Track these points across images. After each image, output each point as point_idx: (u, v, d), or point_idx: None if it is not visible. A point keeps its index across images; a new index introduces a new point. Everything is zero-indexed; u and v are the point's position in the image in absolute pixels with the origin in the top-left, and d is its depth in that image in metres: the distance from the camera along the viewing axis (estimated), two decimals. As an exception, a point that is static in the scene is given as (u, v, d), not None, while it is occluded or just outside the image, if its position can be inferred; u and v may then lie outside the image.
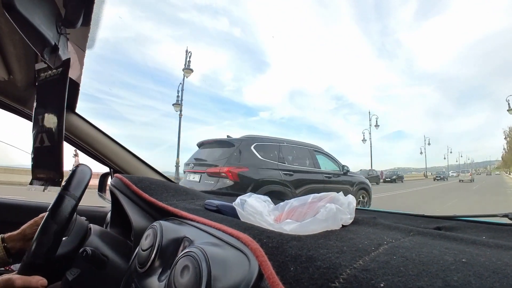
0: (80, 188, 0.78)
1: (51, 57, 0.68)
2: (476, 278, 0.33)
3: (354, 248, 0.44)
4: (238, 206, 0.67)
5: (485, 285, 0.31)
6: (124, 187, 0.90)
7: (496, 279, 0.32)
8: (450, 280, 0.32)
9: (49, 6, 0.64)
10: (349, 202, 0.60)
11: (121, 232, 0.98)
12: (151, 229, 0.65)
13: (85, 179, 0.80)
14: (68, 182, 0.78)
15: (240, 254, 0.46)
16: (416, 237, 0.53)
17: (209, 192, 1.21)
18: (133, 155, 1.25)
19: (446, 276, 0.33)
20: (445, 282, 0.32)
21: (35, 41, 0.61)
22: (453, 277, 0.33)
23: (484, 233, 0.59)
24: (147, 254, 0.60)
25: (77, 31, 0.77)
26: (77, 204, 0.76)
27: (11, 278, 0.64)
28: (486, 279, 0.33)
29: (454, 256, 0.39)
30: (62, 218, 0.73)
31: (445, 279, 0.33)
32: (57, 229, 0.72)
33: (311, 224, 0.54)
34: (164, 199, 0.86)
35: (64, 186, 0.77)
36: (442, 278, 0.33)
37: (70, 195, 0.75)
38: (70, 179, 0.78)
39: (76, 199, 0.76)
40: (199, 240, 0.56)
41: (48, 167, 0.81)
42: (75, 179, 0.78)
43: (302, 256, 0.42)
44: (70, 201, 0.75)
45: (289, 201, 0.68)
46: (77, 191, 0.77)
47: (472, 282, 0.32)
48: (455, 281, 0.32)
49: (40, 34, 0.60)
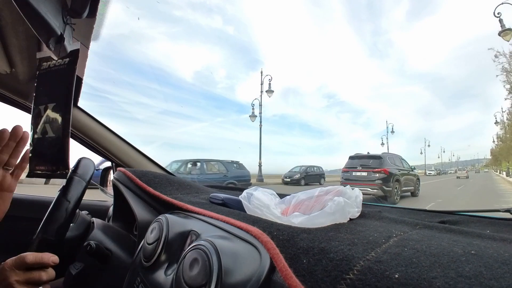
0: (87, 174, 0.79)
1: (56, 47, 0.67)
2: (487, 269, 0.33)
3: (365, 241, 0.44)
4: (244, 199, 0.67)
5: (496, 275, 0.32)
6: (128, 180, 0.90)
7: (506, 269, 0.33)
8: (462, 271, 0.33)
9: None
10: (356, 196, 0.60)
11: (124, 226, 0.98)
12: (156, 222, 0.65)
13: (90, 169, 0.81)
14: (76, 167, 0.79)
15: (250, 247, 0.46)
16: (423, 230, 0.53)
17: (212, 186, 1.21)
18: (135, 149, 1.24)
19: (458, 267, 0.34)
20: (457, 273, 0.32)
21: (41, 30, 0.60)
22: (464, 268, 0.34)
23: (487, 227, 0.59)
24: (153, 248, 0.60)
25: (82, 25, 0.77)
26: (86, 186, 0.78)
27: (22, 255, 0.64)
28: (496, 269, 0.33)
29: (463, 248, 0.40)
30: (73, 196, 0.75)
31: (457, 270, 0.33)
32: (69, 206, 0.73)
33: (319, 217, 0.54)
34: (169, 192, 0.86)
35: (73, 170, 0.79)
36: (454, 269, 0.33)
37: (80, 177, 0.77)
38: (77, 165, 0.80)
39: (86, 181, 0.78)
40: (207, 233, 0.55)
41: (52, 159, 0.80)
42: (81, 166, 0.80)
43: (314, 248, 0.42)
44: (80, 182, 0.77)
45: (296, 194, 0.68)
46: (85, 176, 0.78)
47: (484, 272, 0.32)
48: (467, 271, 0.33)
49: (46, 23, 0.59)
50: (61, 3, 0.66)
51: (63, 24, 0.68)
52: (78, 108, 1.16)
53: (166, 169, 1.29)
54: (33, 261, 0.64)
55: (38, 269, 0.65)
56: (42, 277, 0.65)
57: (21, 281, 0.63)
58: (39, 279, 0.65)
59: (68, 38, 0.73)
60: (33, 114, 0.83)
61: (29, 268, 0.64)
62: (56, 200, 0.74)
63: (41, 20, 0.58)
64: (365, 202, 0.69)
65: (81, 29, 0.82)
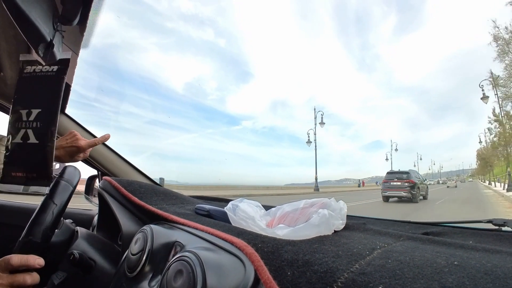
0: (74, 179, 0.78)
1: (45, 53, 0.66)
2: (470, 279, 0.34)
3: (349, 253, 0.45)
4: (229, 211, 0.66)
5: (479, 286, 0.32)
6: (114, 190, 0.89)
7: (489, 280, 0.33)
8: (445, 282, 0.33)
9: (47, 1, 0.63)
10: (341, 208, 0.61)
11: (108, 236, 0.96)
12: (141, 233, 0.64)
13: (77, 174, 0.80)
14: (62, 172, 0.77)
15: (235, 259, 0.46)
16: (407, 241, 0.54)
17: (198, 197, 1.20)
18: (121, 158, 1.23)
19: (441, 278, 0.34)
20: (441, 284, 0.33)
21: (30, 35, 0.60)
22: (447, 279, 0.34)
23: (470, 238, 0.60)
24: (137, 259, 0.59)
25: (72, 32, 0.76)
26: (73, 191, 0.76)
27: (7, 257, 0.62)
28: (479, 280, 0.33)
29: (446, 259, 0.40)
30: (60, 199, 0.73)
31: (441, 281, 0.33)
32: (55, 209, 0.72)
33: (304, 229, 0.54)
34: (154, 203, 0.85)
35: (59, 174, 0.77)
36: (438, 280, 0.34)
37: (67, 181, 0.76)
38: (63, 170, 0.78)
39: (72, 186, 0.77)
40: (191, 244, 0.55)
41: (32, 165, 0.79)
42: (68, 171, 0.78)
43: (298, 260, 0.42)
44: (67, 187, 0.75)
45: (281, 206, 0.68)
46: (72, 181, 0.77)
47: (467, 283, 0.33)
48: (450, 282, 0.33)
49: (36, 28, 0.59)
50: (52, 10, 0.66)
51: (53, 30, 0.68)
52: (65, 115, 1.15)
53: (152, 179, 1.28)
54: (18, 264, 0.62)
55: (22, 272, 0.63)
56: (26, 281, 0.63)
57: (5, 284, 0.61)
58: (24, 283, 0.63)
59: (57, 45, 0.72)
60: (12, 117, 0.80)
61: (13, 271, 0.62)
62: (42, 202, 0.72)
63: (31, 26, 0.58)
64: (349, 214, 0.70)
65: (71, 36, 0.82)
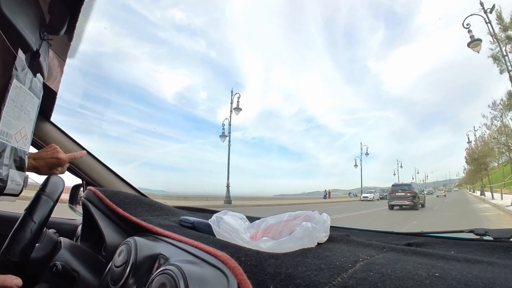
0: (55, 193, 0.76)
1: (31, 62, 0.66)
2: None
3: (332, 266, 0.45)
4: (213, 223, 0.66)
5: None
6: (98, 200, 0.88)
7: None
8: None
9: (34, 10, 0.63)
10: (324, 220, 0.62)
11: (92, 247, 0.95)
12: (125, 245, 0.64)
13: (60, 186, 0.78)
14: (44, 185, 0.76)
15: (218, 272, 0.46)
16: (389, 253, 0.55)
17: (183, 207, 1.20)
18: (107, 168, 1.22)
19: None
20: None
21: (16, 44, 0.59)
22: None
23: (452, 248, 0.61)
24: (121, 271, 0.59)
25: (59, 39, 0.76)
26: (54, 206, 0.75)
27: None
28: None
29: (427, 271, 0.41)
30: (40, 216, 0.71)
31: None
32: (34, 227, 0.70)
33: (287, 242, 0.55)
34: (138, 214, 0.84)
35: (41, 188, 0.75)
36: None
37: (47, 196, 0.74)
38: (45, 183, 0.76)
39: (53, 201, 0.75)
40: (175, 257, 0.55)
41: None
42: (51, 184, 0.77)
43: (281, 274, 0.43)
44: (47, 201, 0.74)
45: (265, 219, 0.68)
46: (53, 195, 0.75)
47: None
48: None
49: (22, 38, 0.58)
50: (39, 19, 0.66)
51: (39, 40, 0.68)
52: (50, 123, 1.13)
53: (138, 190, 1.27)
54: None
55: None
56: None
57: None
58: None
59: (43, 54, 0.72)
60: None
61: None
62: (21, 219, 0.71)
63: (17, 35, 0.57)
64: (334, 225, 0.71)
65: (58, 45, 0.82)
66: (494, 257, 0.52)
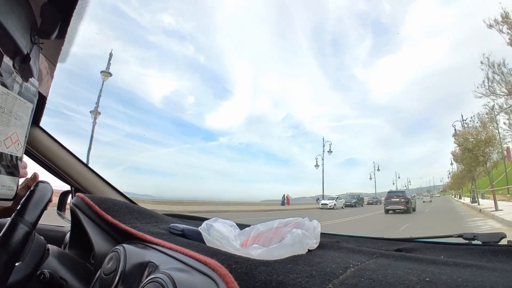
0: (37, 211, 0.70)
1: (21, 66, 0.65)
2: None
3: (323, 272, 0.45)
4: (204, 230, 0.66)
5: None
6: (86, 207, 0.86)
7: None
8: None
9: (26, 13, 0.62)
10: (314, 227, 0.62)
11: (80, 254, 0.93)
12: (114, 252, 0.63)
13: (45, 199, 0.74)
14: (24, 206, 0.69)
15: (208, 280, 0.46)
16: (380, 259, 0.55)
17: (173, 215, 1.19)
18: (96, 174, 1.20)
19: None
20: None
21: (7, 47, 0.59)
22: None
23: (441, 252, 0.62)
24: (110, 279, 0.58)
25: (50, 44, 0.75)
26: (31, 232, 0.68)
27: None
28: None
29: (417, 276, 0.42)
30: (13, 247, 0.64)
31: None
32: (7, 259, 0.64)
33: (278, 249, 0.55)
34: (128, 221, 0.84)
35: (19, 210, 0.69)
36: None
37: (24, 223, 0.67)
38: (27, 201, 0.70)
39: (30, 227, 0.67)
40: (165, 265, 0.54)
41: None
42: (33, 201, 0.70)
43: (272, 281, 0.43)
44: (23, 229, 0.66)
45: (255, 226, 0.68)
46: (32, 216, 0.68)
47: None
48: None
49: (12, 41, 0.58)
50: (30, 22, 0.65)
51: (30, 44, 0.67)
52: (40, 129, 1.11)
53: (127, 197, 1.25)
54: None
55: None
56: None
57: None
58: None
59: (34, 58, 0.71)
60: None
61: None
62: None
63: (8, 38, 0.56)
64: (324, 232, 0.71)
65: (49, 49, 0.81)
66: (483, 261, 0.52)
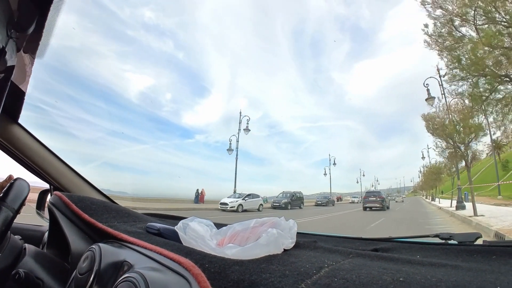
0: (17, 201, 0.73)
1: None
2: None
3: (296, 272, 0.46)
4: (180, 230, 0.66)
5: None
6: (63, 206, 0.85)
7: None
8: None
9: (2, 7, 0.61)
10: (290, 227, 0.62)
11: (59, 254, 0.92)
12: (89, 251, 0.62)
13: (23, 193, 0.75)
14: (5, 194, 0.73)
15: (181, 280, 0.46)
16: (355, 259, 0.55)
17: (151, 214, 1.18)
18: (75, 172, 1.18)
19: None
20: None
21: None
22: None
23: (418, 252, 0.63)
24: (85, 279, 0.57)
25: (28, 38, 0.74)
26: (14, 217, 0.72)
27: None
28: None
29: (392, 275, 0.42)
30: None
31: None
32: None
33: (253, 248, 0.55)
34: (105, 220, 0.83)
35: (1, 197, 0.72)
36: None
37: (7, 207, 0.71)
38: (7, 191, 0.74)
39: (13, 212, 0.72)
40: (139, 264, 0.54)
41: None
42: (13, 192, 0.74)
43: (244, 281, 0.43)
44: (6, 212, 0.70)
45: (232, 225, 0.68)
46: (14, 204, 0.72)
47: None
48: None
49: None
50: (6, 16, 0.64)
51: (6, 37, 0.65)
52: (18, 125, 1.09)
53: (106, 195, 1.24)
54: None
55: None
56: None
57: None
58: None
59: (10, 53, 0.69)
60: None
61: None
62: None
63: None
64: (301, 231, 0.71)
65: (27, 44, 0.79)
66: (459, 261, 0.53)
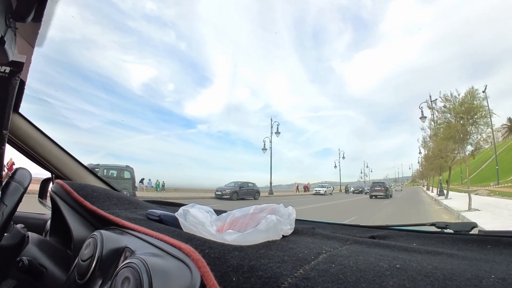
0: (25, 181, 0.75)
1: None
2: (410, 282, 0.36)
3: (295, 258, 0.46)
4: (180, 216, 0.67)
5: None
6: (65, 193, 0.86)
7: (428, 281, 0.36)
8: (386, 285, 0.36)
9: None
10: (289, 214, 0.63)
11: (61, 241, 0.93)
12: (91, 238, 0.64)
13: (28, 177, 0.76)
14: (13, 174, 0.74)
15: (182, 265, 0.47)
16: (353, 245, 0.56)
17: (152, 201, 1.19)
18: (76, 160, 1.18)
19: (382, 282, 0.36)
20: (381, 287, 0.35)
21: None
22: (388, 282, 0.36)
23: (414, 240, 0.64)
24: (87, 265, 0.59)
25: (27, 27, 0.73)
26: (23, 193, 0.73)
27: None
28: (419, 282, 0.36)
29: (388, 262, 0.43)
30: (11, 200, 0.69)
31: (381, 284, 0.36)
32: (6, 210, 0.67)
33: (252, 234, 0.56)
34: (106, 207, 0.84)
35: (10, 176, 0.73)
36: (379, 283, 0.36)
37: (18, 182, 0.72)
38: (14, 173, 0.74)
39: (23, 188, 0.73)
40: (141, 250, 0.55)
41: None
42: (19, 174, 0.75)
43: (244, 266, 0.44)
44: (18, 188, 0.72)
45: (232, 212, 0.69)
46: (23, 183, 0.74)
47: (407, 285, 0.35)
48: (390, 285, 0.35)
49: None
50: (5, 6, 0.63)
51: (5, 27, 0.65)
52: (19, 115, 1.09)
53: (108, 183, 1.25)
54: None
55: None
56: None
57: None
58: None
59: (9, 42, 0.69)
60: None
61: None
62: None
63: None
64: (299, 218, 0.72)
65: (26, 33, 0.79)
66: (454, 249, 0.54)
